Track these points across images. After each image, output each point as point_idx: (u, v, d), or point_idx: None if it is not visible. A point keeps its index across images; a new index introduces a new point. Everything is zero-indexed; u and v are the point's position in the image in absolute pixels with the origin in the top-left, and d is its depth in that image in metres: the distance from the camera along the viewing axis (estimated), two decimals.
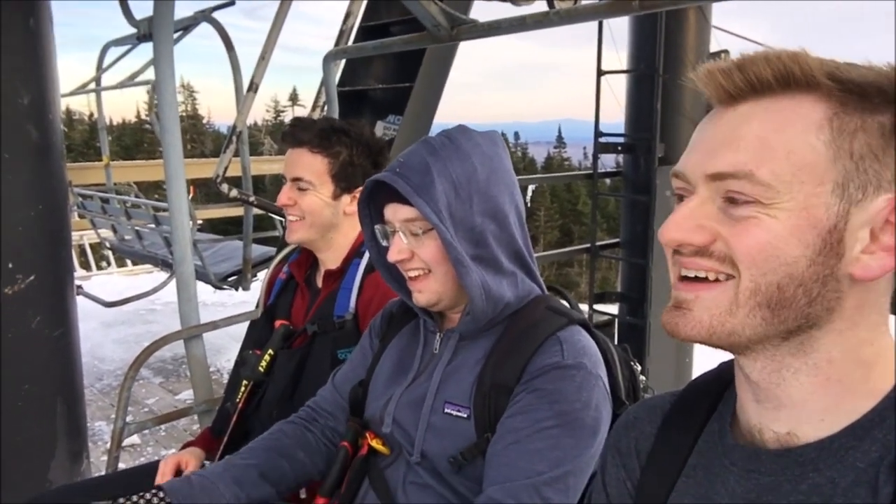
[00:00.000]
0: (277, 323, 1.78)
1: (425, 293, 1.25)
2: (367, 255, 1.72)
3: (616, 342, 1.43)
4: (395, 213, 1.23)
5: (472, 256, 1.20)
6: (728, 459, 0.72)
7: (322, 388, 1.51)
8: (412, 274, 1.25)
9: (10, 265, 2.03)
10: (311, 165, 1.71)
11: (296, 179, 1.72)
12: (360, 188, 1.73)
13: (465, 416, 1.21)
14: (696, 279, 0.66)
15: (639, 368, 1.41)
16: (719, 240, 0.64)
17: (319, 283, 1.81)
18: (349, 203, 1.75)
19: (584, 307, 6.18)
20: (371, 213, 1.31)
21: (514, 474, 1.11)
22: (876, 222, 0.62)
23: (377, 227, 1.29)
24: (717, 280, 0.65)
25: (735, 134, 0.64)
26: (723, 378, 0.80)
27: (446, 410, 1.23)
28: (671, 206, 0.70)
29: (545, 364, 1.17)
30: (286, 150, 1.76)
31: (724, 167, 0.63)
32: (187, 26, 4.25)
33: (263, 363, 1.71)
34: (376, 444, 1.30)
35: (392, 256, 1.24)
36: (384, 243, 1.28)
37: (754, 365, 0.68)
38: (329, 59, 2.60)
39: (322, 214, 1.74)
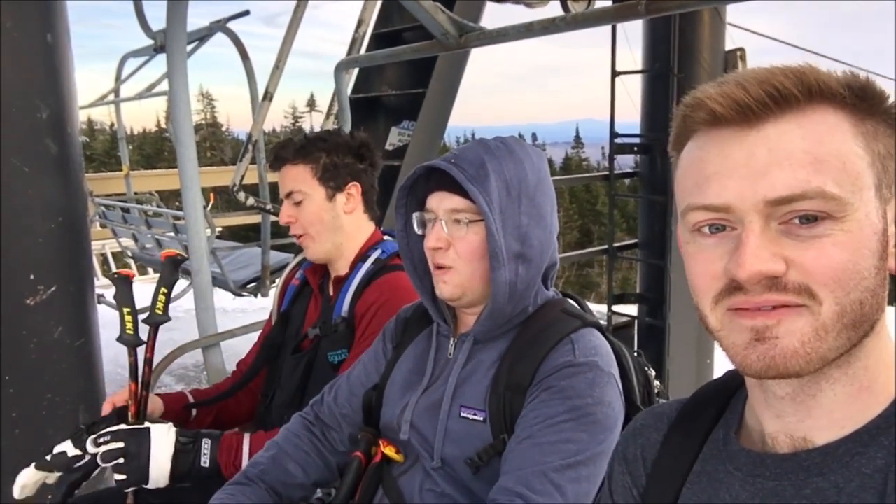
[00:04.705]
0: (163, 254, 1.68)
1: (450, 285, 1.26)
2: (372, 258, 1.75)
3: (636, 344, 1.44)
4: (441, 201, 1.25)
5: (516, 254, 1.22)
6: (732, 465, 0.72)
7: (332, 391, 1.49)
8: (441, 264, 1.26)
9: (32, 276, 2.06)
10: (297, 176, 1.76)
11: (289, 195, 1.77)
12: (353, 184, 1.77)
13: (482, 418, 1.22)
14: (773, 309, 0.61)
15: (653, 374, 1.41)
16: (792, 267, 0.60)
17: (331, 290, 1.83)
18: (346, 202, 1.78)
19: (604, 308, 6.15)
20: (407, 202, 1.34)
21: (525, 464, 1.13)
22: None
23: (416, 214, 1.30)
24: (797, 305, 0.61)
25: (779, 153, 0.61)
26: (729, 386, 0.80)
27: (462, 414, 1.24)
28: (699, 245, 0.66)
29: (557, 363, 1.19)
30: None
31: (789, 189, 0.60)
32: (203, 37, 4.31)
33: (159, 304, 1.60)
34: (390, 451, 1.31)
35: (430, 243, 1.25)
36: (419, 231, 1.30)
37: (801, 380, 0.65)
38: (340, 69, 2.62)
39: (322, 219, 1.76)
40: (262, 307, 6.64)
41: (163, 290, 1.61)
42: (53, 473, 1.46)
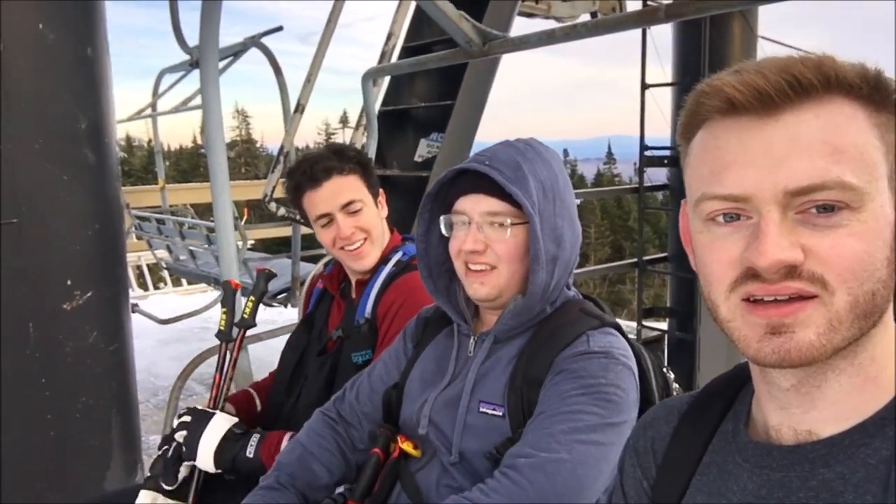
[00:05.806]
0: (257, 268, 1.86)
1: (487, 286, 1.26)
2: (393, 260, 1.77)
3: (666, 358, 1.43)
4: (477, 204, 1.24)
5: (553, 256, 1.23)
6: (741, 456, 0.72)
7: (353, 388, 1.51)
8: (477, 268, 1.26)
9: (69, 282, 2.12)
10: (352, 185, 1.76)
11: (347, 205, 1.74)
12: (381, 190, 1.82)
13: (500, 413, 1.23)
14: (789, 300, 0.62)
15: (672, 377, 1.41)
16: (809, 257, 0.60)
17: (354, 292, 1.86)
18: (382, 208, 1.83)
19: (633, 324, 6.09)
20: (431, 206, 1.34)
21: (535, 431, 1.16)
22: None
23: (443, 216, 1.30)
24: (810, 297, 0.61)
25: (798, 143, 0.61)
26: (738, 378, 0.81)
27: (482, 409, 1.25)
28: (712, 233, 0.66)
29: (571, 353, 1.21)
30: (307, 192, 1.76)
31: (809, 179, 0.60)
32: (237, 52, 4.40)
33: (247, 309, 1.80)
34: (408, 447, 1.32)
35: (467, 245, 1.24)
36: (445, 233, 1.30)
37: (806, 371, 0.65)
38: (368, 78, 2.66)
39: (378, 226, 1.80)
40: (291, 318, 6.70)
41: (251, 298, 1.79)
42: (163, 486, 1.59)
